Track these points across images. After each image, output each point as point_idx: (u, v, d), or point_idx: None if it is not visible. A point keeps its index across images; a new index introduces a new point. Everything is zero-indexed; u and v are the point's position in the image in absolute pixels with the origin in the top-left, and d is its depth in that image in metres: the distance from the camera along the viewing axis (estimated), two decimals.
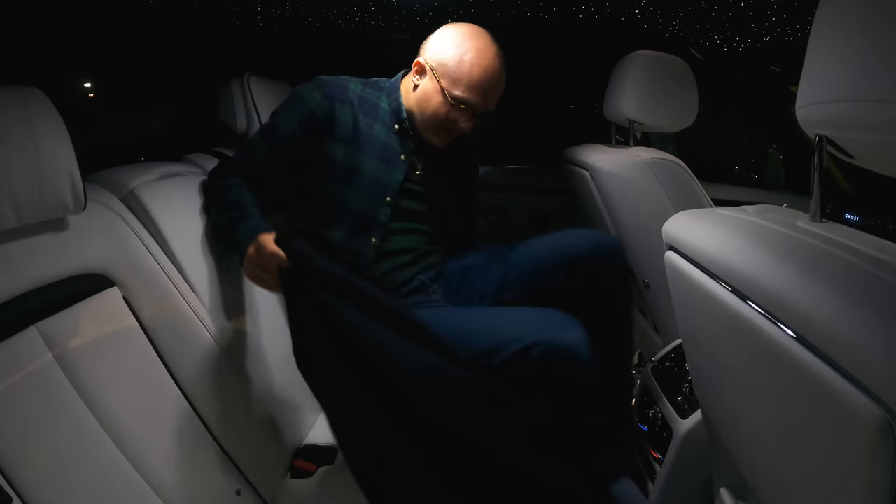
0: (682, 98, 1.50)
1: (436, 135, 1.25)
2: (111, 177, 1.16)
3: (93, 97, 1.71)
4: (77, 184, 0.89)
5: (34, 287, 0.86)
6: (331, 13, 1.61)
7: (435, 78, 1.20)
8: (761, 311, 0.55)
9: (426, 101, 1.22)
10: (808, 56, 0.59)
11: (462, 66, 1.18)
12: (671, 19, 1.52)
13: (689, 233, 0.75)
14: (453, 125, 1.23)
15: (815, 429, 0.51)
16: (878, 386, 0.41)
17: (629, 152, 1.47)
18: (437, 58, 1.21)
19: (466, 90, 1.19)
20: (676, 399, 1.16)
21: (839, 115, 0.53)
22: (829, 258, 0.53)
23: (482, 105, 1.21)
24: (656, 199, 1.39)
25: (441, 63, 1.20)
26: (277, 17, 1.62)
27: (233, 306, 1.25)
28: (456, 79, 1.19)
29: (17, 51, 1.31)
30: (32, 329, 0.84)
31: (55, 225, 0.92)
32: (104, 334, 0.95)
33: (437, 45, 1.22)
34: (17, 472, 0.74)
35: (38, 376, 0.83)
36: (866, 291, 0.47)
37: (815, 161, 0.62)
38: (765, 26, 1.48)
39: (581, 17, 1.56)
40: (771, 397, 0.59)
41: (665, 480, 1.11)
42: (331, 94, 1.23)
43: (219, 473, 1.07)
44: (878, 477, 0.43)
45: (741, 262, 0.60)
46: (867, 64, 0.49)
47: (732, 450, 0.78)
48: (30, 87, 0.86)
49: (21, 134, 0.81)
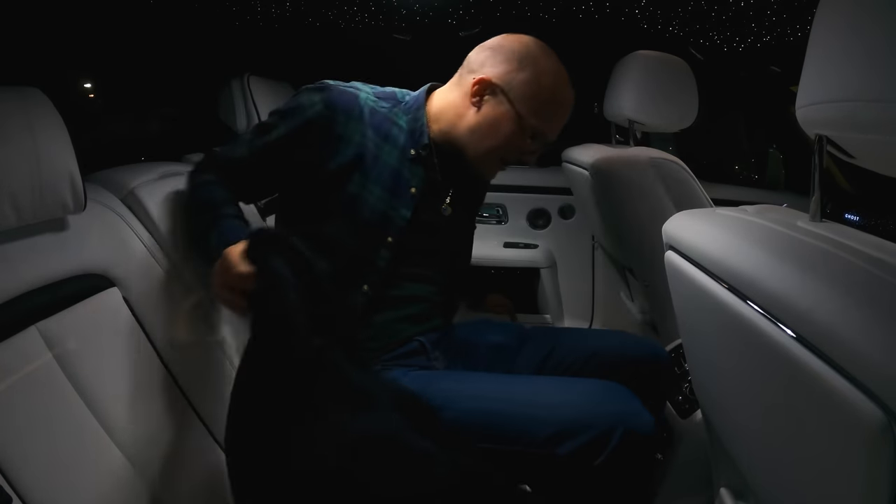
0: (683, 98, 1.50)
1: (492, 166, 1.10)
2: (111, 177, 1.16)
3: (93, 97, 1.71)
4: (77, 184, 0.89)
5: (34, 287, 0.86)
6: (331, 13, 1.61)
7: (508, 102, 1.02)
8: (761, 311, 0.55)
9: (492, 127, 1.04)
10: (808, 56, 0.59)
11: (542, 91, 1.02)
12: (671, 19, 1.52)
13: (689, 233, 0.75)
14: (516, 156, 1.08)
15: (814, 429, 0.51)
16: (878, 386, 0.41)
17: (629, 152, 1.47)
18: (509, 78, 1.02)
19: (545, 119, 1.03)
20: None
21: (839, 115, 0.53)
22: (829, 258, 0.53)
23: (554, 135, 1.07)
24: (656, 199, 1.39)
25: (515, 85, 1.02)
26: (277, 17, 1.62)
27: None
28: (536, 106, 1.02)
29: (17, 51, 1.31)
30: (32, 329, 0.84)
31: (55, 225, 0.92)
32: (104, 334, 0.95)
33: (507, 63, 1.03)
34: (17, 472, 0.74)
35: (38, 376, 0.83)
36: (866, 291, 0.47)
37: (815, 161, 0.62)
38: (765, 26, 1.48)
39: (581, 17, 1.56)
40: (771, 397, 0.59)
41: (665, 480, 1.11)
42: (335, 103, 1.04)
43: (219, 473, 1.07)
44: (878, 477, 0.43)
45: (741, 262, 0.60)
46: (867, 64, 0.49)
47: (732, 450, 0.78)
48: (30, 87, 0.86)
49: (21, 134, 0.81)
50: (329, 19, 1.68)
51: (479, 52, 1.08)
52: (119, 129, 1.76)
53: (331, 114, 1.04)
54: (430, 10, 1.53)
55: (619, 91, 1.55)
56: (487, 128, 1.04)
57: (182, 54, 1.82)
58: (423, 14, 1.57)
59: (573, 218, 2.32)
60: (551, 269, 2.33)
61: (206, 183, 1.07)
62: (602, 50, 1.87)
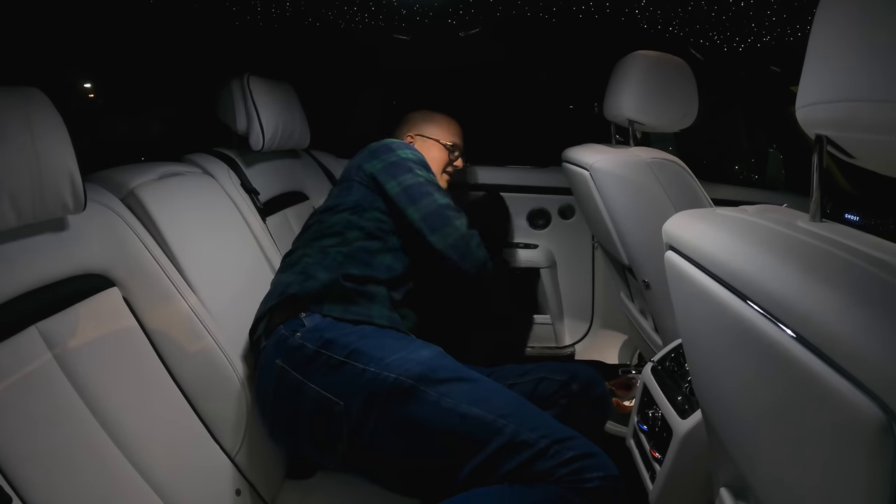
0: (683, 98, 1.50)
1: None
2: (111, 177, 1.16)
3: (93, 97, 1.71)
4: (77, 184, 0.89)
5: (34, 287, 0.86)
6: (331, 13, 1.61)
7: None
8: (761, 312, 0.55)
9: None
10: (808, 56, 0.58)
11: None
12: (671, 19, 1.52)
13: (689, 233, 0.75)
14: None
15: (814, 429, 0.51)
16: (878, 386, 0.41)
17: (629, 152, 1.47)
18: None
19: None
20: (676, 399, 1.16)
21: (839, 115, 0.53)
22: (829, 258, 0.53)
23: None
24: (656, 199, 1.39)
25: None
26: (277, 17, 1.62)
27: (233, 306, 1.25)
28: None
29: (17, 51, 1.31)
30: (32, 329, 0.84)
31: (55, 225, 0.92)
32: (104, 334, 0.95)
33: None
34: (17, 472, 0.74)
35: (38, 376, 0.83)
36: (866, 291, 0.47)
37: (815, 161, 0.62)
38: (765, 26, 1.48)
39: (581, 17, 1.56)
40: (771, 397, 0.59)
41: (665, 480, 1.11)
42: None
43: (218, 473, 1.07)
44: (878, 477, 0.43)
45: (741, 263, 0.60)
46: (867, 64, 0.49)
47: (732, 450, 0.78)
48: (30, 87, 0.86)
49: (21, 134, 0.81)
50: (329, 19, 1.68)
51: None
52: (119, 128, 1.76)
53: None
54: (430, 10, 1.53)
55: (619, 91, 1.55)
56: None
57: (182, 54, 1.82)
58: (423, 14, 1.57)
59: (573, 218, 2.32)
60: (551, 269, 2.33)
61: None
62: (602, 50, 1.87)
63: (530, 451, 0.96)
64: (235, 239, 1.43)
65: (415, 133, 1.74)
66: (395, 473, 1.07)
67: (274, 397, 1.12)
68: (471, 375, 1.08)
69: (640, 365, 2.07)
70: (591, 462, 0.96)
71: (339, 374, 1.07)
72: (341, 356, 1.08)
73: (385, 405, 1.03)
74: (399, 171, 1.42)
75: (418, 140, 1.72)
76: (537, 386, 1.34)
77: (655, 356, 1.36)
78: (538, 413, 1.05)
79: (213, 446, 1.08)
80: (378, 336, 1.15)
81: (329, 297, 1.21)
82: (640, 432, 1.25)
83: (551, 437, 0.98)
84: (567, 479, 0.94)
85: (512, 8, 1.51)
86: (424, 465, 1.03)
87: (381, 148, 1.50)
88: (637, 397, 1.32)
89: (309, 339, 1.12)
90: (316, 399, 1.07)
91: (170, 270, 1.10)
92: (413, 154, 1.49)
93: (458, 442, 0.99)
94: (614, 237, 1.55)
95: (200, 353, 1.10)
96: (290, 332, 1.14)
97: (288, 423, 1.12)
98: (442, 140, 1.72)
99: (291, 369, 1.10)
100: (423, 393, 1.02)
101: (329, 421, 1.06)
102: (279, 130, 1.66)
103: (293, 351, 1.11)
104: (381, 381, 1.04)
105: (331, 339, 1.11)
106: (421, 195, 1.39)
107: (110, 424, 0.89)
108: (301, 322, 1.15)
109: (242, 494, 1.09)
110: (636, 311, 1.85)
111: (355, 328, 1.16)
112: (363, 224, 1.36)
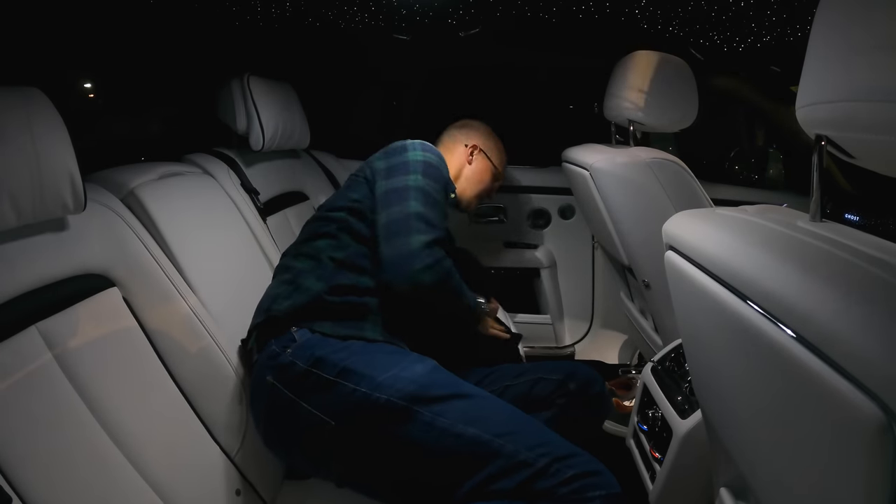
0: (682, 98, 1.50)
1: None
2: (111, 177, 1.16)
3: (93, 97, 1.71)
4: (77, 184, 0.89)
5: (34, 287, 0.86)
6: (331, 13, 1.61)
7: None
8: (761, 311, 0.55)
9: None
10: (808, 56, 0.59)
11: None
12: (671, 19, 1.52)
13: (689, 233, 0.75)
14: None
15: (814, 429, 0.51)
16: (878, 386, 0.41)
17: (629, 152, 1.47)
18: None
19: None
20: (676, 399, 1.16)
21: (839, 115, 0.53)
22: (829, 258, 0.53)
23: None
24: (656, 199, 1.39)
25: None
26: (277, 17, 1.62)
27: (232, 306, 1.25)
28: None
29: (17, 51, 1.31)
30: (32, 329, 0.84)
31: (55, 225, 0.92)
32: (104, 334, 0.95)
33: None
34: (17, 472, 0.74)
35: (38, 376, 0.83)
36: (866, 291, 0.47)
37: (815, 161, 0.62)
38: (765, 26, 1.48)
39: (581, 17, 1.56)
40: (771, 397, 0.59)
41: (665, 480, 1.11)
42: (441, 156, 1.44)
43: (218, 473, 1.07)
44: (878, 477, 0.43)
45: (741, 262, 0.60)
46: (867, 64, 0.49)
47: (732, 450, 0.78)
48: (30, 87, 0.86)
49: (21, 134, 0.81)
50: (329, 19, 1.68)
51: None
52: (119, 128, 1.76)
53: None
54: (430, 10, 1.53)
55: (619, 91, 1.55)
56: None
57: (182, 54, 1.82)
58: (423, 14, 1.57)
59: (573, 218, 2.32)
60: (551, 269, 2.34)
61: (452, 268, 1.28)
62: (602, 50, 1.87)
63: (530, 470, 0.94)
64: (235, 239, 1.43)
65: (479, 146, 1.63)
66: (391, 490, 1.05)
67: (267, 414, 1.10)
68: (466, 391, 1.05)
69: (640, 365, 2.08)
70: (592, 480, 0.94)
71: (329, 394, 1.04)
72: (331, 375, 1.05)
73: (377, 427, 1.01)
74: (395, 173, 1.32)
75: (478, 154, 1.62)
76: (534, 387, 1.33)
77: (655, 356, 1.36)
78: (537, 428, 1.02)
79: (213, 446, 1.08)
80: (369, 352, 1.12)
81: (319, 312, 1.18)
82: (640, 432, 1.25)
83: (551, 455, 0.95)
84: (568, 498, 0.92)
85: (512, 8, 1.51)
86: (421, 484, 1.01)
87: (396, 147, 1.41)
88: (637, 397, 1.32)
89: (299, 356, 1.09)
90: (308, 418, 1.05)
91: (170, 270, 1.10)
92: (425, 157, 1.36)
93: (455, 463, 0.97)
94: (614, 237, 1.55)
95: (200, 353, 1.10)
96: (281, 348, 1.12)
97: (281, 438, 1.11)
98: (496, 163, 1.65)
99: (283, 387, 1.08)
100: (416, 413, 0.99)
101: (321, 439, 1.04)
102: (279, 130, 1.66)
103: (284, 369, 1.09)
104: (373, 403, 1.01)
105: (321, 356, 1.08)
106: (397, 200, 1.25)
107: (110, 424, 0.89)
108: (292, 337, 1.13)
109: (242, 494, 1.09)
110: (636, 311, 1.85)
111: (345, 344, 1.13)
112: (357, 227, 1.30)
